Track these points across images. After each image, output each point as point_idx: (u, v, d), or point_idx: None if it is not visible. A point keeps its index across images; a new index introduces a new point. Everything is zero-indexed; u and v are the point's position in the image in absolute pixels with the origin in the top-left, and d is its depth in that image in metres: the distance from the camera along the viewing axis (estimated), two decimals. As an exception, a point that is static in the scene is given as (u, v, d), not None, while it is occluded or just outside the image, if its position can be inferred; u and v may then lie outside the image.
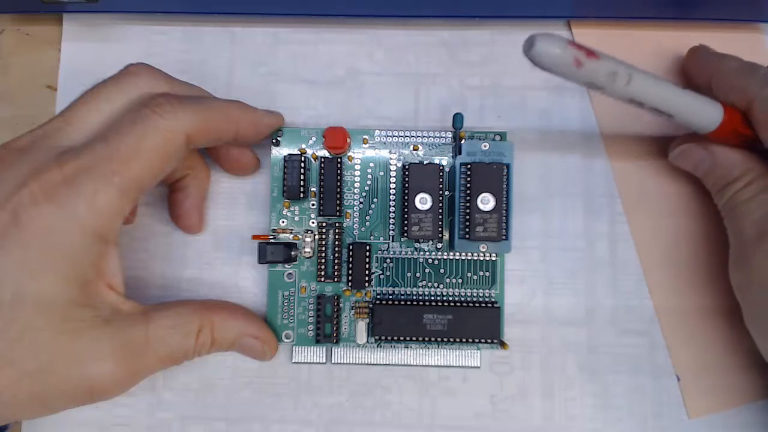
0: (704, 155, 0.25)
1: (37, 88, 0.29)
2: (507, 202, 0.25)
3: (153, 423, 0.27)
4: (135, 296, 0.23)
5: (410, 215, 0.25)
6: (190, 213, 0.27)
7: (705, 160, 0.25)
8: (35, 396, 0.20)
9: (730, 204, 0.24)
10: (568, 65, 0.19)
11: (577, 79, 0.20)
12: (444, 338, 0.25)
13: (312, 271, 0.26)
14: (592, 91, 0.23)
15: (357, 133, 0.27)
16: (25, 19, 0.29)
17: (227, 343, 0.24)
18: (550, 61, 0.19)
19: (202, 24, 0.29)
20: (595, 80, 0.20)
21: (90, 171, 0.20)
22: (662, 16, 0.28)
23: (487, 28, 0.29)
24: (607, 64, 0.20)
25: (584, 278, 0.28)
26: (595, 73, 0.20)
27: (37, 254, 0.20)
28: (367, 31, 0.29)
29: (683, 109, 0.22)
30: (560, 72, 0.20)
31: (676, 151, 0.26)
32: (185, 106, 0.22)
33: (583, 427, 0.27)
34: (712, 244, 0.27)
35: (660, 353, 0.27)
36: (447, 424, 0.27)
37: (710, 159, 0.25)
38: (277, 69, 0.29)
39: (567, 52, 0.19)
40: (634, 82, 0.21)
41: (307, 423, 0.27)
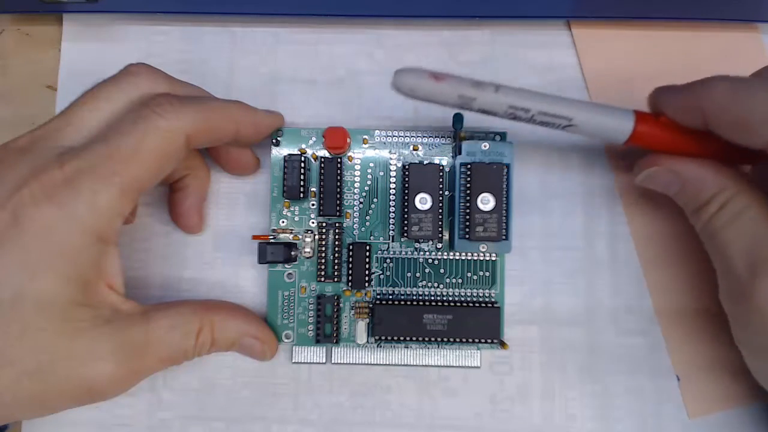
0: (670, 178, 0.23)
1: (37, 88, 0.29)
2: (507, 202, 0.25)
3: (153, 423, 0.27)
4: (135, 296, 0.23)
5: (410, 215, 0.25)
6: (190, 213, 0.27)
7: (672, 183, 0.23)
8: (35, 396, 0.20)
9: (708, 231, 0.22)
10: (428, 82, 0.21)
11: (441, 95, 0.21)
12: (444, 338, 0.25)
13: (312, 271, 0.26)
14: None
15: (357, 133, 0.27)
16: (25, 19, 0.29)
17: (227, 343, 0.24)
18: (409, 83, 0.21)
19: (202, 24, 0.29)
20: (461, 91, 0.21)
21: (90, 171, 0.20)
22: (662, 16, 0.28)
23: (487, 28, 0.29)
24: (468, 79, 0.21)
25: (584, 278, 0.28)
26: (457, 85, 0.21)
27: (37, 254, 0.20)
28: (367, 31, 0.29)
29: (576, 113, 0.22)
30: (422, 90, 0.21)
31: (642, 176, 0.24)
32: (185, 106, 0.22)
33: (583, 427, 0.27)
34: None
35: (660, 353, 0.27)
36: (447, 424, 0.27)
37: (677, 180, 0.23)
38: (277, 69, 0.29)
39: (423, 73, 0.21)
40: (503, 90, 0.21)
41: (307, 423, 0.27)
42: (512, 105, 0.22)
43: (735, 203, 0.22)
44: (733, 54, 0.28)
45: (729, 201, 0.22)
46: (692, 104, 0.22)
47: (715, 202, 0.22)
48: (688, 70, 0.27)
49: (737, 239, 0.21)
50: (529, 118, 0.22)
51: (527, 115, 0.22)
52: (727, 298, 0.23)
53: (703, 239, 0.23)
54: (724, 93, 0.21)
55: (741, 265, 0.21)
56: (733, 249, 0.21)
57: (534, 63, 0.28)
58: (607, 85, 0.28)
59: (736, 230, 0.22)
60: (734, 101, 0.21)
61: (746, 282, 0.21)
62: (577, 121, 0.22)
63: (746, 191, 0.22)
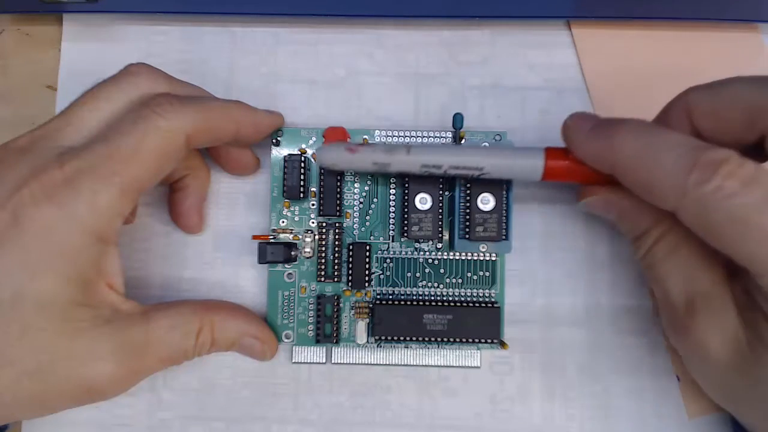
0: (607, 207, 0.23)
1: (37, 88, 0.29)
2: (507, 202, 0.25)
3: (153, 423, 0.27)
4: (135, 296, 0.23)
5: (410, 215, 0.25)
6: (190, 213, 0.27)
7: (610, 212, 0.23)
8: (35, 396, 0.20)
9: (647, 262, 0.22)
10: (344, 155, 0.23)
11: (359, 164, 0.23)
12: (444, 338, 0.25)
13: (312, 271, 0.26)
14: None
15: (357, 133, 0.27)
16: (25, 19, 0.29)
17: (227, 343, 0.24)
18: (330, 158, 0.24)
19: (202, 24, 0.29)
20: (374, 159, 0.23)
21: (90, 171, 0.20)
22: (662, 16, 0.28)
23: (487, 28, 0.29)
24: (379, 145, 0.23)
25: (584, 278, 0.28)
26: (370, 154, 0.23)
27: (37, 254, 0.20)
28: (367, 31, 0.29)
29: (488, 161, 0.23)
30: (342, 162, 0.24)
31: (581, 203, 0.24)
32: (185, 106, 0.22)
33: (583, 427, 0.27)
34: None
35: (660, 353, 0.27)
36: (447, 424, 0.27)
37: (615, 211, 0.23)
38: (277, 69, 0.29)
39: (339, 148, 0.23)
40: (414, 150, 0.23)
41: (307, 423, 0.27)
42: (425, 164, 0.23)
43: (672, 237, 0.22)
44: (733, 54, 0.28)
45: (665, 234, 0.22)
46: (599, 154, 0.21)
47: (652, 235, 0.22)
48: (688, 70, 0.27)
49: (675, 272, 0.21)
50: (443, 173, 0.23)
51: (440, 171, 0.23)
52: (669, 330, 0.23)
53: (643, 269, 0.23)
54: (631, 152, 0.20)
55: (679, 299, 0.21)
56: (671, 282, 0.22)
57: (534, 63, 0.28)
58: (607, 85, 0.28)
59: (673, 263, 0.22)
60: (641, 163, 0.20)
61: (684, 315, 0.21)
62: (488, 170, 0.23)
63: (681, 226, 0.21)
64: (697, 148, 0.19)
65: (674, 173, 0.19)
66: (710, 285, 0.21)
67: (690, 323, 0.21)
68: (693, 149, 0.19)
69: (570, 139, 0.23)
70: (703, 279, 0.21)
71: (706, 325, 0.21)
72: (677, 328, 0.22)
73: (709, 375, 0.22)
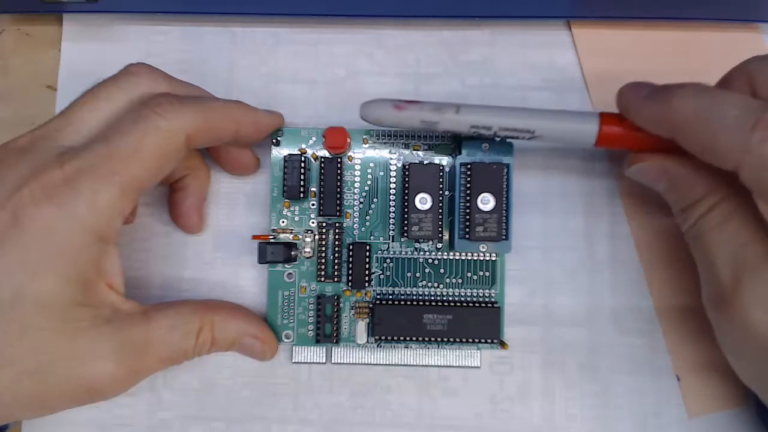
0: (659, 174, 0.23)
1: (37, 88, 0.29)
2: (507, 202, 0.25)
3: (153, 423, 0.27)
4: (135, 296, 0.23)
5: (410, 215, 0.25)
6: (190, 213, 0.27)
7: (661, 180, 0.23)
8: (35, 396, 0.20)
9: (695, 232, 0.22)
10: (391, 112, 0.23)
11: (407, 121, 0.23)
12: (444, 338, 0.25)
13: (312, 271, 0.26)
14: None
15: (357, 133, 0.27)
16: (25, 19, 0.29)
17: (227, 343, 0.24)
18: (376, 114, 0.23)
19: (202, 24, 0.29)
20: (423, 117, 0.23)
21: (90, 171, 0.20)
22: (662, 16, 0.28)
23: (487, 28, 0.29)
24: (428, 104, 0.23)
25: (584, 278, 0.28)
26: (419, 112, 0.23)
27: (37, 254, 0.20)
28: (367, 31, 0.29)
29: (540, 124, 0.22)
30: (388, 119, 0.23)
31: (632, 169, 0.24)
32: (185, 106, 0.22)
33: (583, 427, 0.27)
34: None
35: (660, 353, 0.27)
36: (447, 424, 0.27)
37: (666, 179, 0.23)
38: (277, 69, 0.29)
39: (386, 103, 0.23)
40: (464, 110, 0.23)
41: (307, 423, 0.27)
42: (474, 124, 0.23)
43: (723, 208, 0.21)
44: (733, 54, 0.28)
45: (718, 204, 0.21)
46: (658, 117, 0.21)
47: (704, 204, 0.22)
48: (688, 70, 0.27)
49: (723, 244, 0.21)
50: (492, 135, 0.23)
51: (490, 132, 0.23)
52: (710, 303, 0.22)
53: (688, 240, 0.23)
54: (692, 111, 0.20)
55: (725, 271, 0.21)
56: (719, 253, 0.21)
57: (534, 63, 0.28)
58: (607, 85, 0.28)
59: (723, 234, 0.21)
60: (702, 122, 0.20)
61: (729, 288, 0.21)
62: (540, 132, 0.23)
63: (735, 196, 0.21)
64: (759, 107, 0.19)
65: (737, 130, 0.19)
66: (759, 259, 0.20)
67: (735, 297, 0.20)
68: (755, 108, 0.19)
69: (626, 105, 0.22)
70: (753, 252, 0.20)
71: (753, 298, 0.20)
72: (720, 302, 0.21)
73: (748, 352, 0.21)
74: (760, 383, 0.22)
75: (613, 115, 0.23)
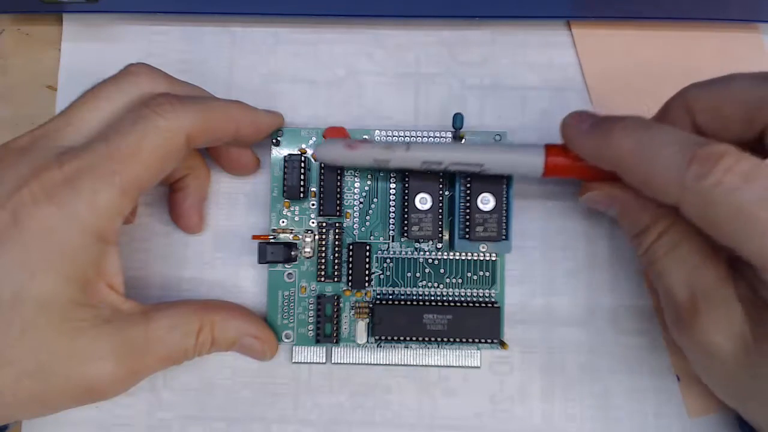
0: (608, 203, 0.23)
1: (37, 88, 0.29)
2: (507, 202, 0.25)
3: (153, 423, 0.27)
4: (135, 296, 0.23)
5: (410, 215, 0.25)
6: (190, 213, 0.27)
7: (611, 208, 0.23)
8: (35, 396, 0.20)
9: (648, 258, 0.22)
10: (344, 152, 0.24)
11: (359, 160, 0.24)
12: (444, 338, 0.25)
13: (312, 271, 0.26)
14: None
15: (357, 133, 0.27)
16: (25, 19, 0.29)
17: (227, 343, 0.24)
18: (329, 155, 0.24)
19: (202, 24, 0.29)
20: (374, 155, 0.23)
21: (90, 171, 0.20)
22: (662, 16, 0.28)
23: (487, 28, 0.29)
24: (379, 143, 0.24)
25: (584, 278, 0.28)
26: (369, 151, 0.23)
27: (37, 254, 0.20)
28: (367, 31, 0.29)
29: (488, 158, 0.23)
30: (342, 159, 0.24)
31: (584, 198, 0.24)
32: (185, 106, 0.22)
33: (583, 427, 0.27)
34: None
35: (660, 353, 0.27)
36: (447, 424, 0.27)
37: (615, 206, 0.23)
38: (277, 69, 0.29)
39: (339, 145, 0.24)
40: (414, 147, 0.23)
41: (307, 423, 0.27)
42: (425, 160, 0.23)
43: (673, 233, 0.21)
44: (733, 54, 0.28)
45: (667, 230, 0.22)
46: (599, 151, 0.21)
47: (653, 231, 0.22)
48: (688, 70, 0.27)
49: (676, 269, 0.21)
50: (443, 169, 0.24)
51: (441, 167, 0.24)
52: (672, 327, 0.22)
53: (644, 266, 0.23)
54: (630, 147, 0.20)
55: (681, 296, 0.21)
56: (673, 279, 0.21)
57: (534, 63, 0.29)
58: (607, 85, 0.28)
59: (674, 260, 0.21)
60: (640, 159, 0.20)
61: (687, 313, 0.21)
62: (488, 165, 0.23)
63: (682, 222, 0.21)
64: (695, 143, 0.19)
65: (673, 167, 0.19)
66: (713, 281, 0.21)
67: (694, 320, 0.21)
68: (691, 144, 0.19)
69: (569, 137, 0.23)
70: (706, 275, 0.21)
71: (710, 322, 0.20)
72: (681, 325, 0.21)
73: (715, 372, 0.22)
74: (732, 401, 0.22)
75: (559, 147, 0.23)
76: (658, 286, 0.22)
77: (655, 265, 0.22)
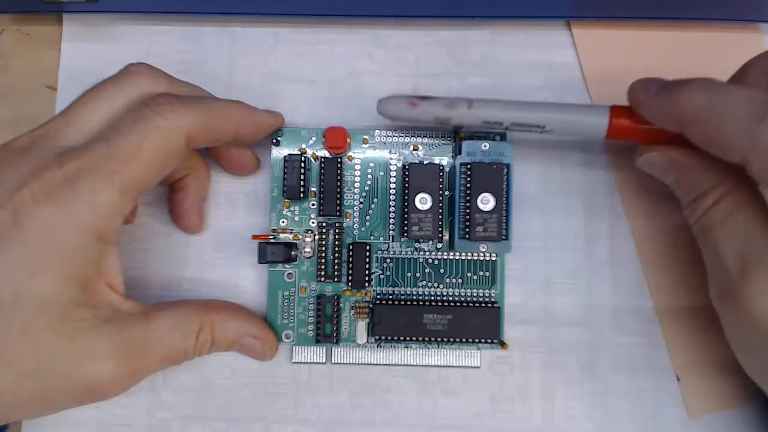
0: (668, 166, 0.23)
1: (37, 88, 0.29)
2: (507, 202, 0.25)
3: (153, 423, 0.27)
4: (135, 296, 0.23)
5: (410, 215, 0.25)
6: (190, 213, 0.27)
7: (669, 172, 0.23)
8: (35, 396, 0.20)
9: (701, 225, 0.22)
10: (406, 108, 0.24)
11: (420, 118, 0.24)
12: (444, 338, 0.25)
13: (312, 271, 0.26)
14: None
15: (357, 133, 0.27)
16: (25, 19, 0.29)
17: (227, 343, 0.24)
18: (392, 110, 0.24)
19: (202, 24, 0.29)
20: (435, 113, 0.24)
21: (90, 171, 0.20)
22: (662, 16, 0.28)
23: (487, 28, 0.29)
24: (442, 99, 0.24)
25: (584, 278, 0.28)
26: (431, 108, 0.24)
27: (37, 254, 0.20)
28: (367, 31, 0.29)
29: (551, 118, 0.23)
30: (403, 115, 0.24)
31: (641, 160, 0.24)
32: (185, 106, 0.22)
33: (583, 427, 0.27)
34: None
35: (660, 353, 0.27)
36: (447, 424, 0.27)
37: (674, 170, 0.23)
38: (277, 69, 0.29)
39: (401, 100, 0.24)
40: (476, 105, 0.23)
41: (307, 423, 0.27)
42: (486, 119, 0.23)
43: (730, 200, 0.21)
44: (733, 54, 0.28)
45: (724, 197, 0.21)
46: (666, 112, 0.21)
47: (711, 196, 0.22)
48: (688, 70, 0.27)
49: (730, 236, 0.21)
50: (504, 129, 0.24)
51: (502, 127, 0.24)
52: (716, 296, 0.22)
53: (695, 233, 0.23)
54: (699, 105, 0.20)
55: (731, 264, 0.21)
56: (725, 246, 0.21)
57: (534, 63, 0.28)
58: (607, 85, 0.28)
59: (729, 228, 0.21)
60: (709, 116, 0.20)
61: (736, 280, 0.21)
62: (551, 126, 0.23)
63: (742, 188, 0.21)
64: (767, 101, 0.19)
65: (744, 123, 0.19)
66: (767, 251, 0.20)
67: (742, 289, 0.20)
68: (763, 102, 0.19)
69: (636, 99, 0.23)
70: (760, 244, 0.20)
71: (759, 292, 0.20)
72: (727, 294, 0.21)
73: (755, 346, 0.21)
74: (766, 377, 0.22)
75: (624, 108, 0.23)
76: (708, 254, 0.22)
77: (709, 231, 0.22)
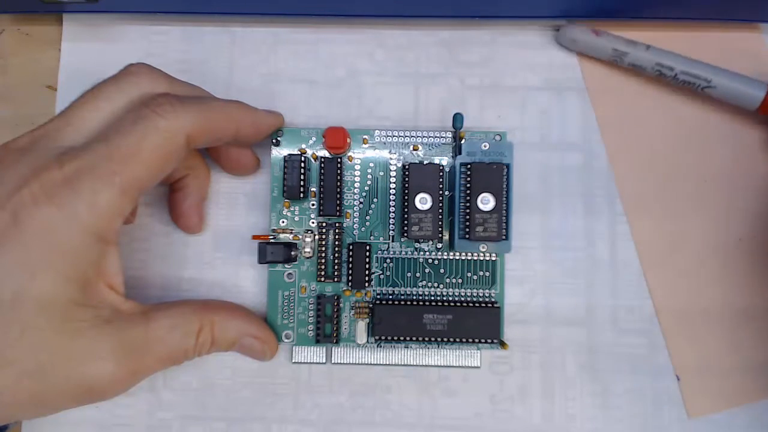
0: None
1: (37, 88, 0.29)
2: (507, 202, 0.25)
3: (153, 423, 0.27)
4: (135, 296, 0.23)
5: (410, 215, 0.25)
6: (190, 213, 0.27)
7: None
8: (35, 396, 0.20)
9: None
10: (587, 36, 0.26)
11: (599, 47, 0.26)
12: (444, 338, 0.25)
13: (312, 271, 0.26)
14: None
15: (357, 133, 0.27)
16: (25, 19, 0.29)
17: (227, 343, 0.24)
18: (573, 35, 0.26)
19: (202, 24, 0.29)
20: (615, 45, 0.26)
21: (90, 171, 0.20)
22: (662, 16, 0.28)
23: (487, 28, 0.29)
24: (622, 37, 0.26)
25: (584, 278, 0.28)
26: (613, 41, 0.26)
27: (37, 254, 0.20)
28: (367, 31, 0.29)
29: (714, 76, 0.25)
30: (583, 42, 0.26)
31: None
32: (185, 106, 0.22)
33: (583, 427, 0.27)
34: (712, 244, 0.27)
35: (660, 353, 0.27)
36: (447, 424, 0.27)
37: None
38: (277, 69, 0.29)
39: (585, 29, 0.26)
40: (653, 49, 0.26)
41: (307, 423, 0.27)
42: (659, 63, 0.26)
43: None
44: (733, 54, 0.28)
45: None
46: None
47: None
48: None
49: None
50: (673, 76, 0.26)
51: (671, 73, 0.26)
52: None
53: None
54: None
55: None
56: None
57: (534, 63, 0.28)
58: (607, 85, 0.28)
59: None
60: None
61: None
62: (715, 83, 0.25)
63: None
64: None
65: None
66: None
67: None
68: None
69: None
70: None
71: None
72: None
73: None
74: None
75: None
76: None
77: None
